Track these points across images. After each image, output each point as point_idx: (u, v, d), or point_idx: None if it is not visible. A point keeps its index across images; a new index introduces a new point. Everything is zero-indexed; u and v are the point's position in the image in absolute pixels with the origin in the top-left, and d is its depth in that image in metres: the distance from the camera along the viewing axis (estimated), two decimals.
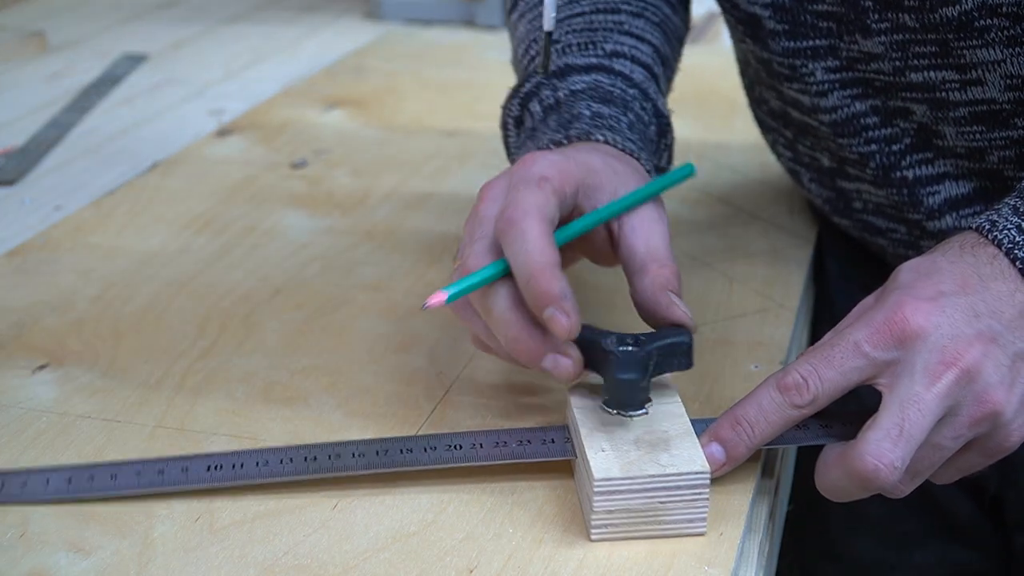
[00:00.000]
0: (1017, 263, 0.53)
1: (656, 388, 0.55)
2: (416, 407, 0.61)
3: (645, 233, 0.56)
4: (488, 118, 1.07)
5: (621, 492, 0.50)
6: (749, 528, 0.53)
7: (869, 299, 0.54)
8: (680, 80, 0.78)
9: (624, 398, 0.53)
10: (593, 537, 0.50)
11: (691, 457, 0.51)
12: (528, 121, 0.66)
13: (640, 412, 0.53)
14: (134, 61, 1.27)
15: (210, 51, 1.32)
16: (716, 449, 0.52)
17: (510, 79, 0.75)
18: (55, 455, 0.57)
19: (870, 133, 0.69)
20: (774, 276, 0.76)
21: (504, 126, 0.68)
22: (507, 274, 0.53)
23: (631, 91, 0.66)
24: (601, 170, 0.57)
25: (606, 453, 0.51)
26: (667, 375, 0.55)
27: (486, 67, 1.23)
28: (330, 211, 0.86)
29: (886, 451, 0.49)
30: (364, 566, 0.49)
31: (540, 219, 0.52)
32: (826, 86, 0.69)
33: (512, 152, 0.68)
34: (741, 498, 0.53)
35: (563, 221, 0.55)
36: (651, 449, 0.51)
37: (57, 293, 0.74)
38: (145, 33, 1.39)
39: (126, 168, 0.96)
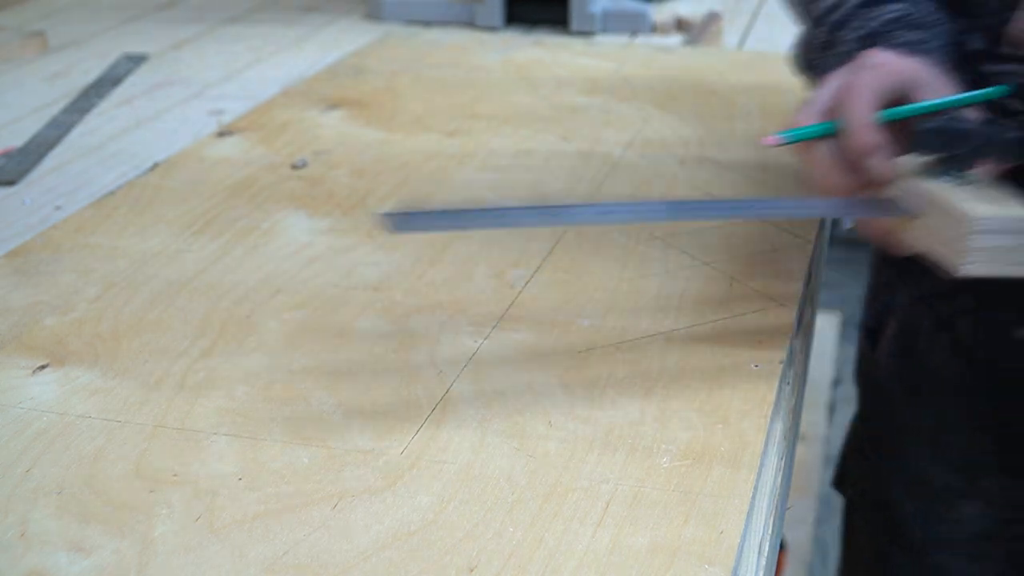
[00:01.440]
0: None
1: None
2: (416, 407, 0.61)
3: None
4: (488, 118, 1.08)
5: (992, 231, 0.56)
6: (749, 527, 0.53)
7: None
8: (680, 80, 0.78)
9: (960, 158, 0.59)
10: (962, 272, 0.57)
11: None
12: (841, 48, 0.71)
13: (974, 173, 0.59)
14: (134, 61, 1.27)
15: (210, 51, 1.33)
16: None
17: (509, 79, 0.75)
18: (55, 455, 0.57)
19: None
20: (774, 276, 0.76)
21: (808, 49, 0.74)
22: (830, 134, 0.62)
23: (935, 15, 0.71)
24: (931, 70, 0.65)
25: (969, 202, 0.56)
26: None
27: (486, 67, 1.23)
28: (330, 211, 0.86)
29: None
30: (364, 566, 0.49)
31: (871, 94, 0.62)
32: None
33: (821, 72, 0.73)
34: (741, 496, 0.53)
35: (893, 105, 0.62)
36: (1000, 199, 0.57)
37: (57, 293, 0.74)
38: (145, 33, 1.39)
39: (126, 168, 0.96)
